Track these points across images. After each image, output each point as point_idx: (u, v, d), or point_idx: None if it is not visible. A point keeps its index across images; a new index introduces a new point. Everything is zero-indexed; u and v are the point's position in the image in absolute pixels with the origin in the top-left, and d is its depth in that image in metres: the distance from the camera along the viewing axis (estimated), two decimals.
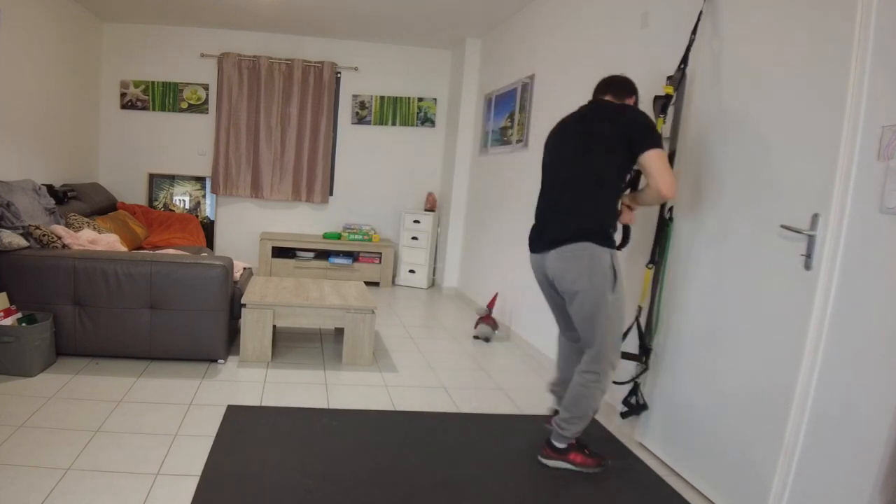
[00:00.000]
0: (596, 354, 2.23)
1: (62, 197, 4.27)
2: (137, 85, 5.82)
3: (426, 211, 6.09)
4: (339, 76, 6.12)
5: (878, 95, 1.67)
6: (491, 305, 4.32)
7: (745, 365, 2.09)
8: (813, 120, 1.87)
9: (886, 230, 1.62)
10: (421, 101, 6.25)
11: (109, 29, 5.70)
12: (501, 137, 4.90)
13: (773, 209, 1.99)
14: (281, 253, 5.91)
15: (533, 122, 4.30)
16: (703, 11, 2.40)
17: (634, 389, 2.62)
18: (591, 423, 2.47)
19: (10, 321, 2.91)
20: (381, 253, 5.97)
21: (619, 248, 2.35)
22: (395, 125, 6.27)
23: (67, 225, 3.86)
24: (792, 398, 1.86)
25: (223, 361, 3.31)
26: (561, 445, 2.35)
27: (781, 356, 1.92)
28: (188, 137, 5.99)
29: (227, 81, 5.84)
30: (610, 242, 2.19)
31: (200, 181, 6.08)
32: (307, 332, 4.10)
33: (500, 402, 3.07)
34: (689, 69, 2.49)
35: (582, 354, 2.34)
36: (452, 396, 3.10)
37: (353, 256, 5.96)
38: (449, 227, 5.82)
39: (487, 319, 4.25)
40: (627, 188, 2.40)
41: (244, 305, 3.32)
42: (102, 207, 4.94)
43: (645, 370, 2.59)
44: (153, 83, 5.84)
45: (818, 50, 1.87)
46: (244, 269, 3.97)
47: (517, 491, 2.20)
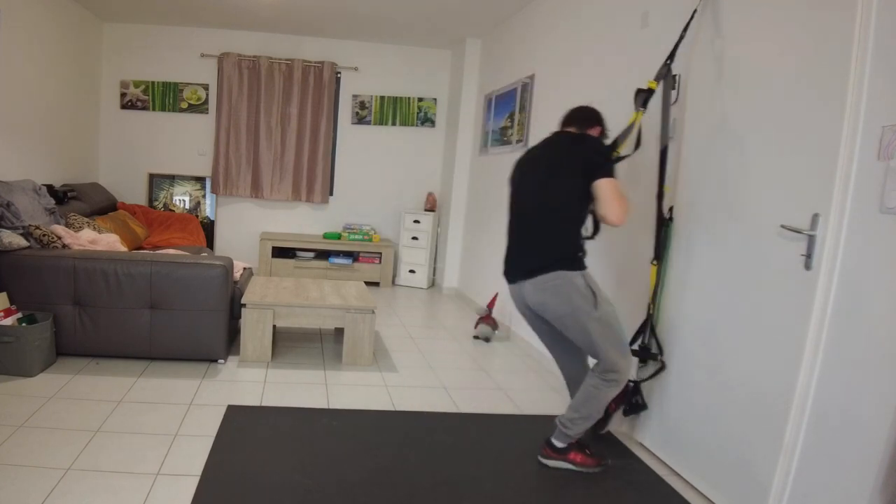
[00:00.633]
0: (605, 363, 2.25)
1: (62, 197, 4.27)
2: (137, 85, 5.82)
3: (426, 211, 6.08)
4: (339, 76, 6.12)
5: (878, 95, 1.67)
6: (491, 305, 4.32)
7: (745, 365, 2.09)
8: (813, 120, 1.87)
9: (886, 230, 1.62)
10: (421, 101, 6.25)
11: (109, 29, 5.70)
12: (501, 137, 4.90)
13: (773, 209, 1.99)
14: (281, 253, 5.91)
15: (533, 122, 4.30)
16: (696, 10, 2.40)
17: (636, 389, 2.62)
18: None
19: (10, 321, 2.91)
20: (381, 253, 5.97)
21: (591, 237, 2.42)
22: (395, 125, 6.27)
23: (67, 225, 3.86)
24: (792, 398, 1.86)
25: (223, 361, 3.31)
26: (561, 445, 2.35)
27: (781, 356, 1.92)
28: (188, 137, 5.99)
29: (227, 81, 5.84)
30: (580, 265, 2.27)
31: (200, 181, 6.08)
32: (307, 332, 4.10)
33: (500, 402, 3.07)
34: (687, 69, 2.50)
35: (575, 350, 2.42)
36: (452, 396, 3.10)
37: (353, 256, 5.96)
38: (449, 227, 5.82)
39: (487, 319, 4.25)
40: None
41: (244, 305, 3.32)
42: (102, 207, 4.94)
43: (662, 368, 2.54)
44: (153, 83, 5.84)
45: (818, 50, 1.87)
46: (244, 269, 3.97)
47: (517, 491, 2.20)
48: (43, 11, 4.47)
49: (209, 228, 6.04)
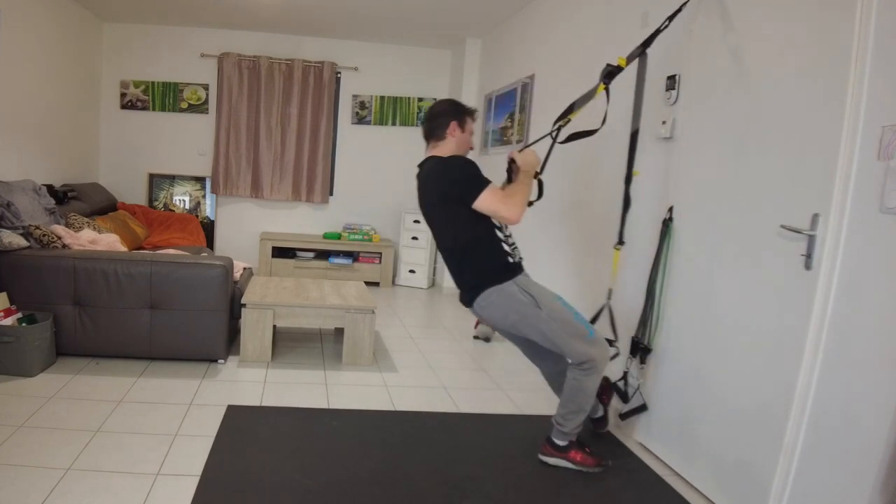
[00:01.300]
0: (575, 357, 2.26)
1: (62, 197, 4.27)
2: (137, 85, 5.82)
3: None
4: (339, 76, 6.12)
5: (878, 95, 1.67)
6: None
7: (745, 364, 2.09)
8: (813, 120, 1.87)
9: (886, 230, 1.62)
10: (421, 101, 6.25)
11: (109, 29, 5.70)
12: (501, 137, 4.90)
13: (773, 209, 1.99)
14: (281, 253, 5.91)
15: (533, 122, 4.30)
16: (686, 2, 2.40)
17: (621, 379, 2.64)
18: (589, 425, 2.47)
19: (10, 321, 2.91)
20: (381, 253, 5.97)
21: (534, 201, 2.49)
22: (395, 125, 6.27)
23: (67, 225, 3.86)
24: (792, 398, 1.86)
25: (223, 361, 3.31)
26: (562, 443, 2.35)
27: (781, 356, 1.92)
28: (188, 137, 5.99)
29: (227, 81, 5.84)
30: (508, 274, 2.29)
31: (200, 181, 6.08)
32: (307, 332, 4.10)
33: (500, 402, 3.07)
34: (687, 68, 2.50)
35: (546, 351, 2.46)
36: (452, 396, 3.10)
37: (353, 256, 5.96)
38: None
39: None
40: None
41: (244, 305, 3.32)
42: (102, 207, 4.94)
43: (616, 355, 2.57)
44: (153, 83, 5.84)
45: (818, 50, 1.87)
46: (244, 269, 3.97)
47: (517, 491, 2.20)
48: (43, 11, 4.47)
49: (209, 228, 6.04)
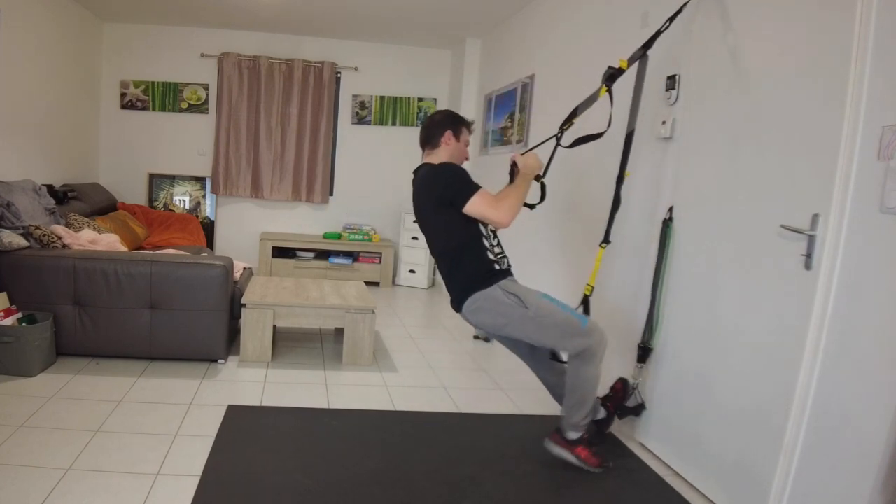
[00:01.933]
0: (571, 350, 2.27)
1: (62, 197, 4.27)
2: (137, 85, 5.82)
3: None
4: (339, 76, 6.12)
5: (878, 95, 1.67)
6: None
7: (745, 364, 2.09)
8: (813, 119, 1.87)
9: (886, 230, 1.62)
10: (421, 101, 6.25)
11: (109, 29, 5.70)
12: (501, 137, 4.90)
13: (773, 209, 1.99)
14: (281, 253, 5.91)
15: (533, 122, 4.30)
16: (687, 2, 2.40)
17: (627, 391, 2.63)
18: (589, 424, 2.47)
19: (10, 321, 2.91)
20: (381, 253, 5.97)
21: (536, 204, 2.49)
22: (395, 125, 6.27)
23: (67, 225, 3.86)
24: (792, 398, 1.86)
25: (223, 361, 3.31)
26: (573, 436, 2.33)
27: (782, 356, 1.92)
28: (188, 137, 5.99)
29: (227, 81, 5.84)
30: (493, 278, 2.30)
31: (200, 181, 6.08)
32: (307, 332, 4.10)
33: (500, 402, 3.07)
34: (687, 68, 2.50)
35: (539, 354, 2.48)
36: (452, 396, 3.10)
37: (353, 256, 5.96)
38: None
39: None
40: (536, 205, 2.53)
41: (244, 305, 3.32)
42: (102, 207, 4.94)
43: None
44: (153, 83, 5.84)
45: (818, 49, 1.87)
46: (244, 269, 3.97)
47: (518, 491, 2.20)
48: (43, 11, 4.47)
49: (209, 228, 6.04)
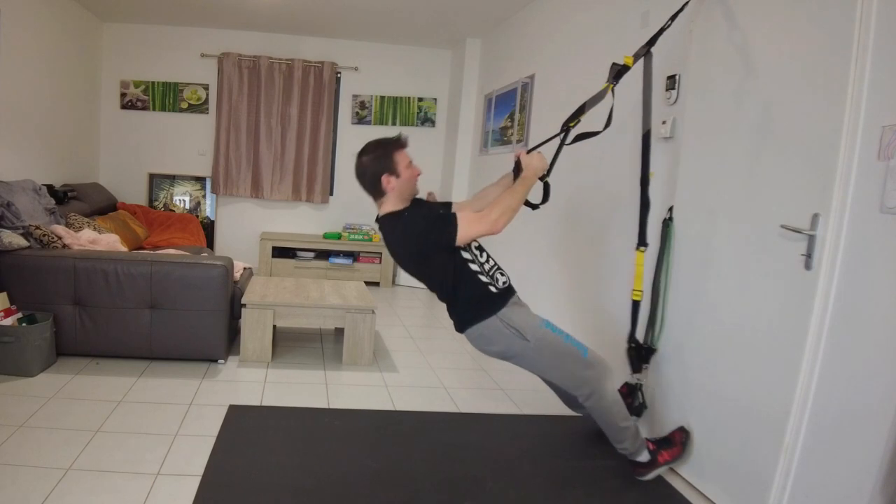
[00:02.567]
0: (573, 384, 2.24)
1: (62, 197, 4.27)
2: (137, 85, 5.82)
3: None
4: (339, 76, 6.12)
5: (878, 95, 1.67)
6: None
7: (745, 364, 2.08)
8: (813, 119, 1.87)
9: (886, 230, 1.62)
10: (421, 101, 6.25)
11: (109, 29, 5.70)
12: (501, 137, 4.90)
13: (773, 209, 1.99)
14: (281, 253, 5.91)
15: (533, 122, 4.30)
16: (688, 2, 2.40)
17: (638, 389, 2.62)
18: (590, 423, 2.47)
19: (10, 321, 2.91)
20: (381, 253, 5.96)
21: (540, 204, 2.42)
22: (395, 125, 6.26)
23: (68, 225, 3.86)
24: (792, 398, 1.86)
25: (223, 361, 3.31)
26: (646, 457, 2.30)
27: (782, 355, 1.92)
28: (188, 137, 5.99)
29: (227, 81, 5.84)
30: (490, 308, 2.22)
31: (200, 181, 6.08)
32: (307, 332, 4.10)
33: (500, 402, 3.07)
34: (687, 68, 2.51)
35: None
36: (452, 396, 3.10)
37: (353, 256, 5.96)
38: None
39: None
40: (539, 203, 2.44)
41: (244, 305, 3.32)
42: (102, 207, 4.94)
43: (644, 359, 2.55)
44: (153, 83, 5.84)
45: (818, 49, 1.87)
46: (244, 269, 3.97)
47: (518, 490, 2.20)
48: (43, 11, 4.47)
49: (209, 228, 6.04)
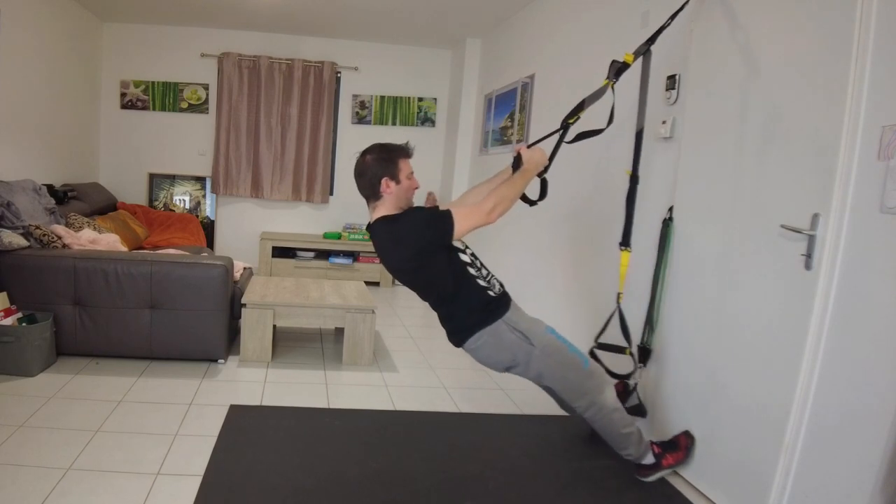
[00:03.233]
0: (573, 392, 2.22)
1: (62, 197, 4.27)
2: (137, 85, 5.82)
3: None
4: (339, 76, 6.12)
5: (878, 95, 1.67)
6: None
7: (745, 364, 2.08)
8: (813, 119, 1.87)
9: (886, 230, 1.62)
10: (421, 100, 6.25)
11: (109, 29, 5.69)
12: (501, 137, 4.90)
13: (773, 209, 1.99)
14: (281, 253, 5.91)
15: (533, 122, 4.30)
16: (688, 1, 2.39)
17: (633, 389, 2.61)
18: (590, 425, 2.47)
19: (10, 321, 2.91)
20: None
21: (537, 201, 2.35)
22: (395, 125, 6.27)
23: (68, 225, 3.86)
24: (792, 398, 1.86)
25: (223, 361, 3.31)
26: (649, 461, 2.29)
27: (782, 355, 1.92)
28: (188, 137, 5.99)
29: (227, 81, 5.84)
30: (495, 313, 2.15)
31: (200, 181, 6.08)
32: (307, 332, 4.10)
33: (500, 402, 3.07)
34: (686, 68, 2.51)
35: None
36: (452, 396, 3.10)
37: (353, 256, 5.96)
38: None
39: None
40: (537, 200, 2.38)
41: (244, 305, 3.32)
42: (102, 207, 4.94)
43: (635, 370, 2.51)
44: (153, 83, 5.84)
45: (818, 49, 1.87)
46: (244, 268, 3.97)
47: (519, 490, 2.20)
48: (43, 11, 4.46)
49: (209, 228, 6.04)
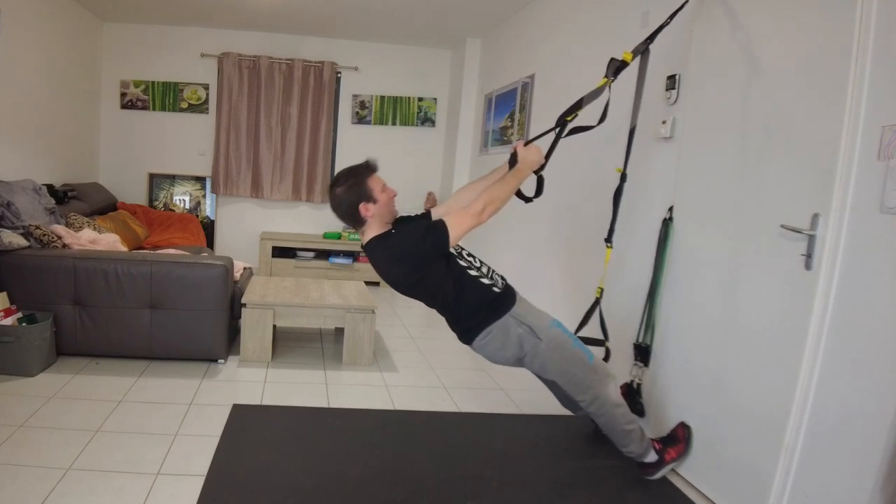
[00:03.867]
0: (577, 387, 2.23)
1: (62, 197, 4.26)
2: (137, 85, 5.82)
3: (426, 210, 6.08)
4: (339, 76, 6.12)
5: (878, 95, 1.67)
6: None
7: (745, 364, 2.09)
8: (813, 119, 1.87)
9: (886, 230, 1.62)
10: (421, 100, 6.25)
11: (109, 29, 5.69)
12: (501, 137, 4.90)
13: (773, 209, 1.99)
14: (281, 253, 5.91)
15: (533, 121, 4.30)
16: (687, 1, 2.39)
17: (637, 389, 2.61)
18: (591, 423, 2.47)
19: (10, 321, 2.91)
20: None
21: (533, 198, 2.34)
22: (395, 125, 6.27)
23: (68, 225, 3.86)
24: (792, 398, 1.86)
25: (223, 361, 3.31)
26: (653, 458, 2.30)
27: (782, 355, 1.92)
28: (188, 137, 5.99)
29: (227, 81, 5.84)
30: (502, 308, 2.17)
31: (200, 181, 6.08)
32: (307, 332, 4.10)
33: (500, 401, 3.07)
34: (686, 68, 2.51)
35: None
36: (452, 396, 3.10)
37: (353, 256, 5.96)
38: None
39: None
40: (534, 196, 2.36)
41: (244, 305, 3.32)
42: (103, 207, 4.94)
43: (607, 355, 2.52)
44: (153, 83, 5.84)
45: (818, 49, 1.87)
46: (244, 268, 3.97)
47: (521, 490, 2.20)
48: (43, 11, 4.46)
49: (209, 228, 6.04)
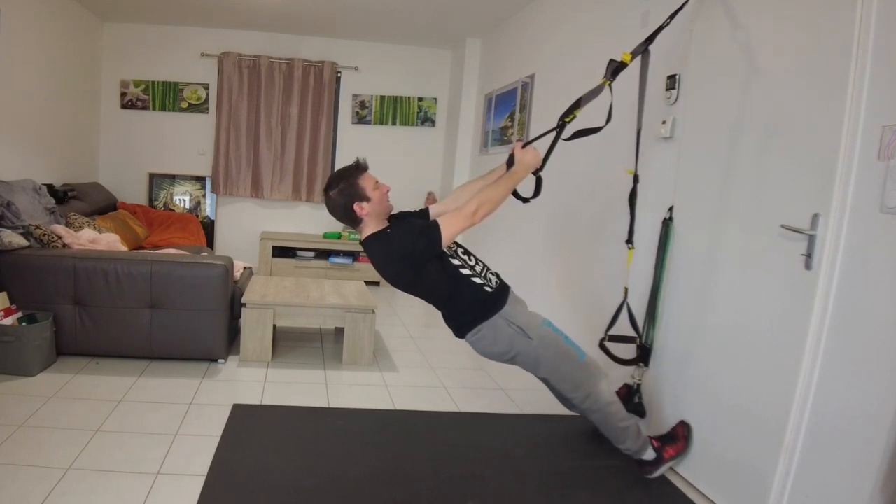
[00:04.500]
0: (568, 384, 2.24)
1: (62, 196, 4.26)
2: (137, 85, 5.82)
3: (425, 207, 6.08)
4: (339, 76, 6.12)
5: (878, 95, 1.67)
6: None
7: (745, 364, 2.09)
8: (813, 119, 1.87)
9: (886, 230, 1.62)
10: (421, 100, 6.25)
11: (109, 29, 5.69)
12: (501, 137, 4.90)
13: (773, 209, 1.99)
14: (281, 252, 5.91)
15: (533, 121, 4.30)
16: (687, 1, 2.39)
17: (634, 392, 2.61)
18: (590, 422, 2.47)
19: (10, 321, 2.91)
20: None
21: (530, 198, 2.34)
22: (395, 125, 6.27)
23: (68, 224, 3.86)
24: (792, 398, 1.86)
25: (223, 361, 3.31)
26: (651, 455, 2.31)
27: (782, 355, 1.92)
28: (188, 137, 5.99)
29: (227, 81, 5.84)
30: (493, 308, 2.19)
31: (200, 181, 6.08)
32: (307, 331, 4.10)
33: (500, 401, 3.07)
34: (686, 68, 2.51)
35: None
36: (452, 396, 3.10)
37: (353, 256, 5.96)
38: None
39: None
40: (533, 196, 2.36)
41: (244, 305, 3.32)
42: (103, 207, 4.94)
43: (645, 353, 2.54)
44: (153, 83, 5.84)
45: (818, 49, 1.87)
46: (244, 268, 3.97)
47: (521, 490, 2.20)
48: (43, 11, 4.46)
49: (209, 228, 6.04)
